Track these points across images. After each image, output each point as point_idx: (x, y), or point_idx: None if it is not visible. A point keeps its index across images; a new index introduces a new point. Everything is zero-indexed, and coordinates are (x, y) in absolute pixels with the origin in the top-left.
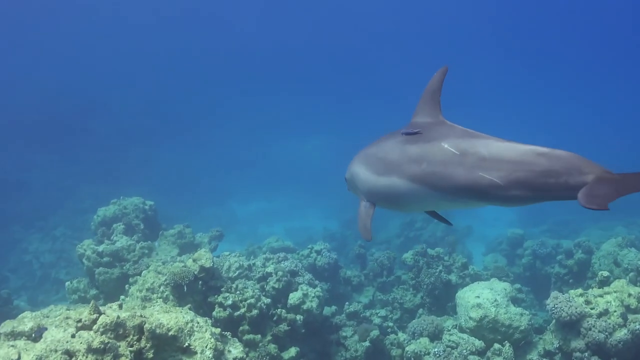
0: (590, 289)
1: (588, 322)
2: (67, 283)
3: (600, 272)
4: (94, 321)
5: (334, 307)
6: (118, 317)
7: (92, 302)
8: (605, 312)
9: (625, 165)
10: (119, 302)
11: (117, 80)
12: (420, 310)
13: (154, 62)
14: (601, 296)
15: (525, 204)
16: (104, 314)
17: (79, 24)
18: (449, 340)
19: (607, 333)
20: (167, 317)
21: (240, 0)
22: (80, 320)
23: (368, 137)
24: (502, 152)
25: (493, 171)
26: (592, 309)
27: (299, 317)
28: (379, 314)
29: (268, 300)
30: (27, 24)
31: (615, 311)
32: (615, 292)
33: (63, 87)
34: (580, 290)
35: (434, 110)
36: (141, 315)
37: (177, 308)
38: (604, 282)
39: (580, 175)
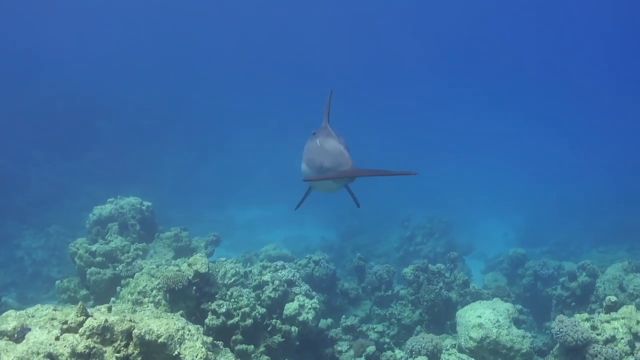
0: (597, 314)
1: (594, 348)
2: (57, 282)
3: (608, 297)
4: (81, 324)
5: (329, 320)
6: (106, 320)
7: (79, 303)
8: (612, 339)
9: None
10: (108, 305)
11: (121, 81)
12: (418, 327)
13: (159, 64)
14: (608, 322)
15: (343, 183)
16: (92, 316)
17: (84, 22)
18: None
19: None
20: (158, 323)
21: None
22: (66, 322)
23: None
24: (333, 148)
25: (328, 160)
26: (598, 334)
27: (294, 328)
28: (375, 329)
29: (263, 310)
30: (30, 21)
31: (622, 338)
32: (622, 318)
33: (67, 85)
34: (586, 315)
35: (325, 118)
36: (130, 320)
37: (169, 314)
38: (612, 308)
39: (347, 166)
